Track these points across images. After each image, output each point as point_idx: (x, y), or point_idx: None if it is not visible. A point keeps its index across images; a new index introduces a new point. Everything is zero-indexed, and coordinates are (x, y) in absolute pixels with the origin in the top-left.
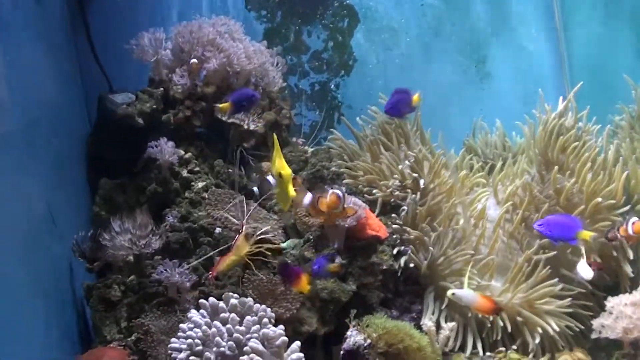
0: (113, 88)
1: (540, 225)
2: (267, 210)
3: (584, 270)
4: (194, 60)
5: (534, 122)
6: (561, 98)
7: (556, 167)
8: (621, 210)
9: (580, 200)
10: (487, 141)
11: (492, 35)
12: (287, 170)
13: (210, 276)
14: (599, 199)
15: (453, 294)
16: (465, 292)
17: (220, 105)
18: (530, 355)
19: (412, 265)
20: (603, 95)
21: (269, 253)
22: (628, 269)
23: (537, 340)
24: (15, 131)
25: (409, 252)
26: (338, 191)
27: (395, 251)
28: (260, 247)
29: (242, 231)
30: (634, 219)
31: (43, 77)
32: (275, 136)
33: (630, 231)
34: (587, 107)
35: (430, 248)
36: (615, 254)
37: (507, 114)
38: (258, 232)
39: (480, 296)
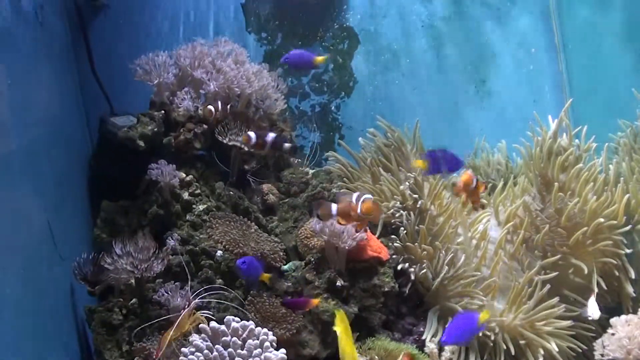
0: (114, 109)
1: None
2: (268, 233)
3: (593, 309)
4: (210, 107)
5: (531, 143)
6: (550, 117)
7: (556, 185)
8: (622, 229)
9: (581, 220)
10: (489, 161)
11: (492, 55)
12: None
13: (156, 356)
14: (601, 220)
15: None
16: None
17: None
18: None
19: (419, 272)
20: (603, 113)
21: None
22: (630, 289)
23: None
24: (16, 151)
25: (421, 267)
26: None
27: (399, 267)
28: (199, 318)
29: (187, 307)
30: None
31: (44, 97)
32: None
33: None
34: (586, 125)
35: (445, 267)
36: (617, 273)
37: (508, 133)
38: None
39: None
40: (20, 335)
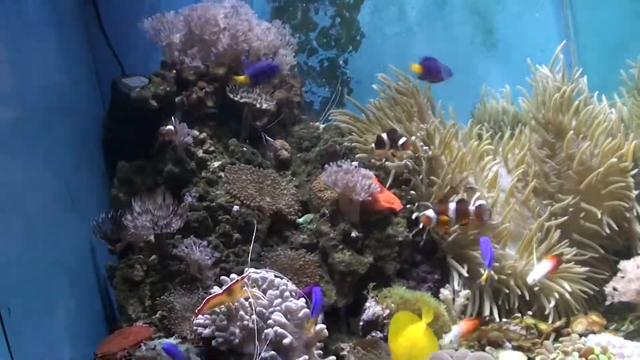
0: (125, 71)
1: None
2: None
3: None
4: (170, 127)
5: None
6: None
7: (571, 132)
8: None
9: (594, 164)
10: (496, 110)
11: (498, 4)
12: None
13: (196, 313)
14: (615, 160)
15: None
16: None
17: (237, 77)
18: (550, 320)
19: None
20: (609, 59)
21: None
22: (638, 229)
23: (553, 303)
24: (31, 115)
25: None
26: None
27: (414, 216)
28: (251, 295)
29: (242, 277)
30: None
31: (56, 60)
32: None
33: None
34: (592, 70)
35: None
36: (627, 215)
37: (515, 82)
38: (254, 289)
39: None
40: (44, 295)
